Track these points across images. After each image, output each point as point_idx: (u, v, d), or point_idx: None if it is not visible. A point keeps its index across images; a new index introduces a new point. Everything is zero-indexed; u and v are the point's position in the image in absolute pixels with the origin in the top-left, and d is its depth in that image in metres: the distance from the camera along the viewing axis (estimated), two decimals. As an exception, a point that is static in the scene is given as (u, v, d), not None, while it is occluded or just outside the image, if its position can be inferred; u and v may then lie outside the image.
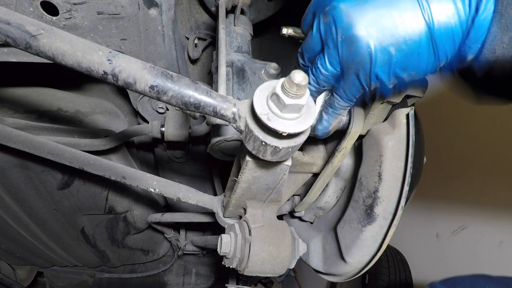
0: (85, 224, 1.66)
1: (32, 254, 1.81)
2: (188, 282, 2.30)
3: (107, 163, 1.00)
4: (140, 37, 0.91)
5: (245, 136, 0.51)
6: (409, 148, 0.71)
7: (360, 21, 0.49)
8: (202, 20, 1.29)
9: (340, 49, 0.52)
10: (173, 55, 0.98)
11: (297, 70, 0.42)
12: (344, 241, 0.81)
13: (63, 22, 0.85)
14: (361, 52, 0.50)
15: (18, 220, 1.51)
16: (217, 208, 0.94)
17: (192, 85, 0.47)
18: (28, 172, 1.31)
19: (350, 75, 0.54)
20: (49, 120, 1.23)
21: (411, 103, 0.76)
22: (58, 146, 1.02)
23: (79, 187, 1.44)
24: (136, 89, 0.46)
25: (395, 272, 2.33)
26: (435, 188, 2.37)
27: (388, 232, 0.73)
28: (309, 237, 0.98)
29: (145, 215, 1.69)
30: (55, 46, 0.44)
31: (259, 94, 0.46)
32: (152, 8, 0.85)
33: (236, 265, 0.76)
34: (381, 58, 0.50)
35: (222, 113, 0.48)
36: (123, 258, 2.01)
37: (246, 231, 0.75)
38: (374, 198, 0.74)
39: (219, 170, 1.48)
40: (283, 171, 0.63)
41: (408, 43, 0.49)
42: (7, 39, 0.45)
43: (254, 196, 0.73)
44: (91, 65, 0.45)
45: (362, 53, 0.50)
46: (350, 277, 0.85)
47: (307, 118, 0.46)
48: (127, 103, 1.37)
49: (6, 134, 1.04)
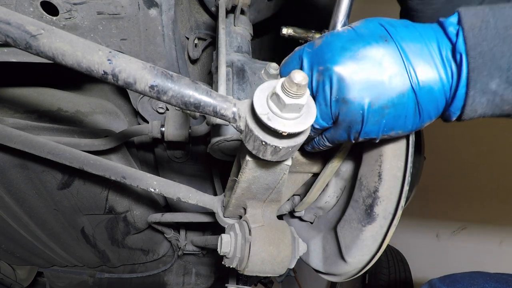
0: (85, 224, 1.66)
1: (32, 254, 1.81)
2: (188, 282, 2.30)
3: (107, 163, 1.00)
4: (140, 37, 0.91)
5: (245, 136, 0.51)
6: (409, 148, 0.71)
7: (353, 85, 0.52)
8: (202, 20, 1.29)
9: (333, 108, 0.55)
10: (173, 55, 0.98)
11: (297, 70, 0.42)
12: (344, 241, 0.81)
13: (63, 22, 0.85)
14: (353, 113, 0.54)
15: (18, 220, 1.51)
16: (217, 208, 0.94)
17: (192, 85, 0.47)
18: (28, 172, 1.31)
19: (340, 130, 0.58)
20: (49, 120, 1.23)
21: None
22: (58, 146, 1.02)
23: (79, 187, 1.44)
24: (136, 89, 0.46)
25: (395, 272, 2.33)
26: (435, 188, 2.37)
27: (388, 232, 0.73)
28: (309, 237, 0.98)
29: (145, 215, 1.69)
30: (55, 46, 0.44)
31: (259, 94, 0.46)
32: (152, 8, 0.85)
33: (236, 265, 0.76)
34: (372, 119, 0.54)
35: (222, 113, 0.48)
36: (123, 258, 2.01)
37: (246, 231, 0.75)
38: (374, 198, 0.74)
39: (219, 170, 1.48)
40: (283, 171, 0.63)
41: (397, 107, 0.53)
42: (7, 39, 0.45)
43: (254, 196, 0.73)
44: (91, 65, 0.45)
45: (354, 114, 0.54)
46: (350, 277, 0.85)
47: (307, 117, 0.46)
48: (127, 103, 1.37)
49: (6, 134, 1.04)
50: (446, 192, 2.32)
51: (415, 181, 0.89)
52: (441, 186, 2.33)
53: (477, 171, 2.12)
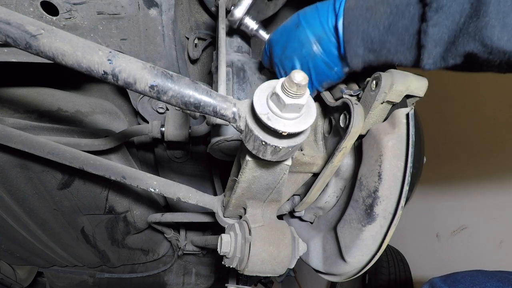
0: (85, 224, 1.66)
1: (32, 254, 1.81)
2: (188, 282, 2.30)
3: (107, 163, 1.00)
4: (140, 37, 0.91)
5: (245, 136, 0.51)
6: (409, 148, 0.71)
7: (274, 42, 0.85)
8: (202, 20, 1.29)
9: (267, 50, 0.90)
10: (173, 55, 0.98)
11: (297, 70, 0.43)
12: (344, 241, 0.81)
13: (63, 22, 0.85)
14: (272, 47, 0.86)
15: (18, 220, 1.51)
16: (217, 208, 0.94)
17: (192, 85, 0.47)
18: (28, 172, 1.31)
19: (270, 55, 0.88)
20: (49, 120, 1.23)
21: (411, 103, 0.76)
22: (58, 146, 1.02)
23: (79, 187, 1.44)
24: (136, 89, 0.46)
25: (395, 272, 2.33)
26: (435, 188, 2.37)
27: (388, 232, 0.73)
28: (309, 237, 0.98)
29: (145, 215, 1.69)
30: (55, 46, 0.44)
31: (259, 94, 0.46)
32: (152, 8, 0.85)
33: (236, 264, 0.76)
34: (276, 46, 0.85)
35: (222, 113, 0.48)
36: (123, 258, 2.01)
37: (246, 231, 0.75)
38: (374, 197, 0.74)
39: (219, 170, 1.48)
40: (283, 170, 0.63)
41: (290, 37, 0.79)
42: (7, 39, 0.45)
43: (254, 196, 0.73)
44: (91, 65, 0.45)
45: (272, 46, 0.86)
46: (350, 276, 0.85)
47: (307, 117, 0.47)
48: (127, 103, 1.37)
49: (6, 134, 1.04)
50: (446, 192, 2.32)
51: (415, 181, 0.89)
52: (441, 186, 2.33)
53: (478, 171, 2.12)
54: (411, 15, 0.58)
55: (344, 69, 0.74)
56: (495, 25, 0.48)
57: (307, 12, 0.74)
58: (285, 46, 0.79)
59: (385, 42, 0.63)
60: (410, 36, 0.60)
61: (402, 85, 0.69)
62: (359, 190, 0.79)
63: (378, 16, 0.62)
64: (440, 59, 0.57)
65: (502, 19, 0.48)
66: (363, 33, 0.64)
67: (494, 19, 0.48)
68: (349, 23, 0.65)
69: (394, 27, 0.61)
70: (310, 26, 0.73)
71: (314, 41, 0.72)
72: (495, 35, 0.48)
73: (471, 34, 0.51)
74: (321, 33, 0.71)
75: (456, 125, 2.28)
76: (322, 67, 0.75)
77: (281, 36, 0.81)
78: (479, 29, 0.49)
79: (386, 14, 0.61)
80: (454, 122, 2.29)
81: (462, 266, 2.14)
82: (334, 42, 0.71)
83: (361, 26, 0.64)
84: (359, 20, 0.64)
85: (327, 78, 0.77)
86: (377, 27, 0.62)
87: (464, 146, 2.23)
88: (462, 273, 0.84)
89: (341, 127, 0.81)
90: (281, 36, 0.81)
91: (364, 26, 0.64)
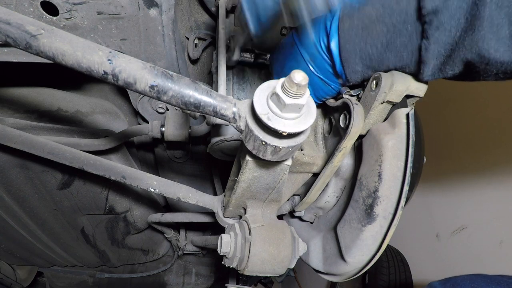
0: (85, 224, 1.66)
1: (32, 254, 1.81)
2: (188, 282, 2.30)
3: (107, 163, 1.00)
4: (140, 37, 0.91)
5: (245, 136, 0.51)
6: (409, 148, 0.71)
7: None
8: (202, 20, 1.29)
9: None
10: (173, 55, 0.98)
11: (297, 70, 0.43)
12: (344, 241, 0.81)
13: (63, 22, 0.85)
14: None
15: (18, 220, 1.51)
16: (217, 208, 0.94)
17: (192, 85, 0.47)
18: (28, 172, 1.31)
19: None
20: (49, 120, 1.23)
21: (411, 103, 0.76)
22: (58, 146, 1.02)
23: (79, 187, 1.44)
24: (136, 89, 0.46)
25: (395, 272, 2.33)
26: (435, 188, 2.37)
27: (388, 232, 0.73)
28: (309, 237, 0.98)
29: (145, 215, 1.69)
30: (55, 46, 0.44)
31: (259, 93, 0.46)
32: (152, 8, 0.85)
33: (236, 265, 0.76)
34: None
35: (222, 113, 0.48)
36: (123, 258, 2.01)
37: (246, 231, 0.75)
38: (374, 198, 0.74)
39: (219, 170, 1.48)
40: (283, 170, 0.63)
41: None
42: (7, 39, 0.45)
43: (254, 196, 0.73)
44: (91, 65, 0.45)
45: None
46: (350, 276, 0.85)
47: (307, 117, 0.46)
48: (127, 103, 1.37)
49: (6, 134, 1.04)
50: (446, 192, 2.32)
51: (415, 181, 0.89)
52: (441, 186, 2.33)
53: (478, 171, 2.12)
54: (408, 33, 0.60)
55: (341, 83, 0.76)
56: (491, 37, 0.50)
57: (300, 31, 0.77)
58: (283, 64, 0.82)
59: (384, 59, 0.65)
60: (409, 53, 0.61)
61: (402, 85, 0.69)
62: (359, 190, 0.79)
63: (375, 34, 0.63)
64: (438, 71, 0.59)
65: (497, 32, 0.50)
66: (361, 52, 0.66)
67: (489, 32, 0.50)
68: (346, 43, 0.67)
69: (392, 45, 0.62)
70: (303, 45, 0.75)
71: (308, 59, 0.74)
72: (492, 47, 0.50)
73: (467, 47, 0.53)
74: (314, 51, 0.73)
75: (456, 125, 2.28)
76: (319, 84, 0.77)
77: (279, 55, 0.84)
78: (475, 42, 0.51)
79: (383, 32, 0.62)
80: (454, 122, 2.29)
81: (462, 266, 2.14)
82: (328, 61, 0.72)
83: (358, 45, 0.65)
84: (356, 40, 0.65)
85: (325, 93, 0.79)
86: (375, 45, 0.64)
87: (464, 146, 2.23)
88: (461, 277, 0.84)
89: (341, 127, 0.81)
90: (279, 55, 0.84)
91: (362, 45, 0.65)
